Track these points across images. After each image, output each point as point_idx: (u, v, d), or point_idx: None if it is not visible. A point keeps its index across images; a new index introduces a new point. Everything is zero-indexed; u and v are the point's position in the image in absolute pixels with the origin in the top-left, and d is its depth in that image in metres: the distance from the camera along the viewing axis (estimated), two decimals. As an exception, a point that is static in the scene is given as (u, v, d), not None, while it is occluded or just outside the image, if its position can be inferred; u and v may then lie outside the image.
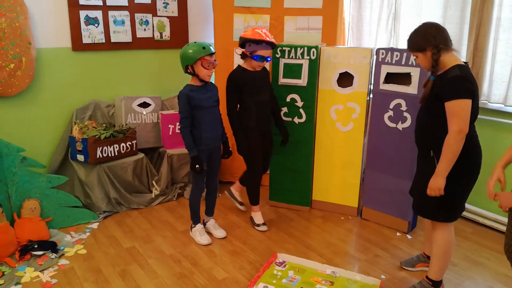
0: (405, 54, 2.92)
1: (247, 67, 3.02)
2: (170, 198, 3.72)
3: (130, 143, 3.54)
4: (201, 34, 4.24)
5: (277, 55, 3.30)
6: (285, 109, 3.38)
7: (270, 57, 3.01)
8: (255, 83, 3.03)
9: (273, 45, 2.96)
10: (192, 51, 2.67)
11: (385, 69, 3.04)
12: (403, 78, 2.98)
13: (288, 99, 3.35)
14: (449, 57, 2.14)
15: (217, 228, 3.14)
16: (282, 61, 3.29)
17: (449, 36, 2.16)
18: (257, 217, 3.27)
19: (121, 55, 3.83)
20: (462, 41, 3.24)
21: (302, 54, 3.24)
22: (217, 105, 2.89)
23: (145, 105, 3.77)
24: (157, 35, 3.98)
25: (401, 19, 3.70)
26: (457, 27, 3.26)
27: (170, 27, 4.04)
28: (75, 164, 3.39)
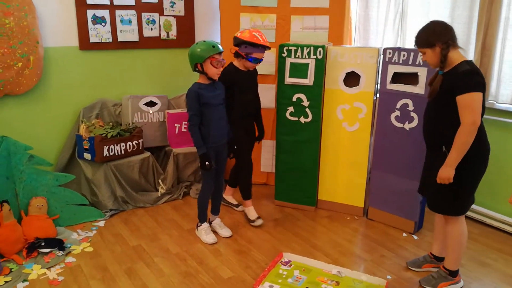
0: (412, 53, 2.91)
1: (239, 66, 3.09)
2: (176, 197, 3.73)
3: (136, 141, 3.55)
4: (207, 34, 4.24)
5: (284, 55, 3.30)
6: (291, 108, 3.37)
7: (263, 59, 3.09)
8: (246, 82, 3.12)
9: (268, 48, 3.04)
10: (201, 50, 2.70)
11: (392, 69, 3.03)
12: (410, 78, 2.97)
13: (294, 98, 3.34)
14: (456, 54, 2.22)
15: (223, 227, 3.14)
16: (289, 61, 3.29)
17: (455, 34, 2.23)
18: (251, 212, 3.30)
19: (128, 54, 3.84)
20: (470, 40, 3.22)
21: (309, 53, 3.23)
22: (223, 103, 2.91)
23: (151, 104, 3.79)
24: (163, 35, 3.99)
25: (408, 19, 3.68)
26: (465, 26, 3.24)
27: (177, 26, 4.05)
28: (82, 163, 3.41)
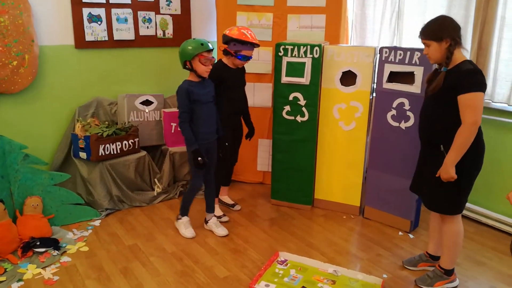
0: (408, 53, 2.91)
1: (228, 63, 3.09)
2: (172, 196, 3.72)
3: (132, 140, 3.54)
4: (204, 32, 4.23)
5: (280, 54, 3.29)
6: (287, 107, 3.37)
7: (252, 56, 3.08)
8: (234, 80, 3.12)
9: (257, 46, 3.04)
10: (190, 48, 2.72)
11: (388, 68, 3.03)
12: (407, 77, 2.97)
13: (291, 97, 3.34)
14: (459, 53, 2.22)
15: (219, 226, 3.14)
16: (285, 60, 3.28)
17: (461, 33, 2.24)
18: (216, 209, 3.29)
19: (123, 53, 3.83)
20: (466, 39, 3.22)
21: (305, 52, 3.23)
22: (213, 101, 2.92)
23: (147, 103, 3.78)
24: (160, 33, 3.98)
25: (405, 18, 3.68)
26: (461, 25, 3.22)
27: (173, 25, 4.03)
28: (78, 162, 3.39)
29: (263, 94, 3.84)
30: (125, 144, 3.49)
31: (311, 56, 3.22)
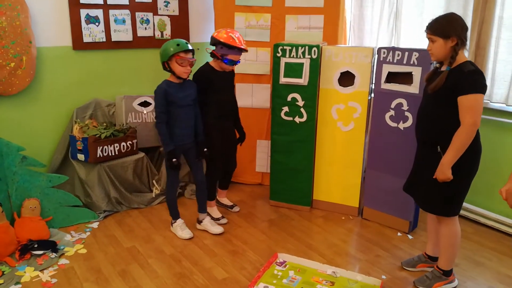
0: (406, 53, 2.91)
1: (215, 66, 3.06)
2: (170, 198, 3.71)
3: (130, 142, 3.53)
4: (202, 33, 4.23)
5: (278, 54, 3.29)
6: (286, 108, 3.36)
7: (240, 60, 3.06)
8: (221, 83, 3.08)
9: (245, 51, 3.00)
10: (167, 48, 2.73)
11: (387, 68, 3.03)
12: (405, 78, 2.97)
13: (289, 98, 3.33)
14: (461, 53, 2.19)
15: (214, 225, 3.13)
16: (283, 60, 3.28)
17: None
18: (214, 211, 3.31)
19: (121, 54, 3.82)
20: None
21: (303, 53, 3.23)
22: (193, 104, 2.90)
23: (145, 104, 3.77)
24: (158, 34, 3.97)
25: (403, 18, 3.68)
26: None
27: (171, 26, 4.03)
28: (76, 163, 3.38)
29: (262, 95, 3.84)
30: (123, 145, 3.48)
31: (309, 56, 3.22)
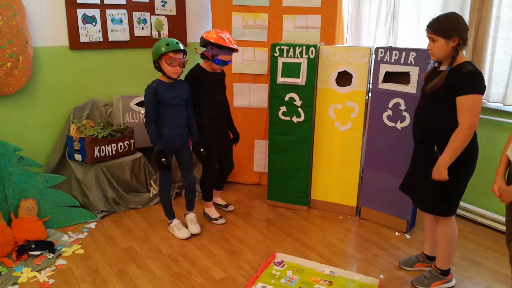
0: (404, 53, 2.91)
1: (206, 67, 3.06)
2: (168, 198, 3.71)
3: (128, 142, 3.52)
4: (199, 33, 4.15)
5: (276, 54, 3.29)
6: (283, 108, 3.36)
7: (231, 61, 3.05)
8: (212, 84, 3.07)
9: (235, 51, 2.99)
10: (157, 48, 2.73)
11: (384, 68, 3.03)
12: (402, 77, 2.97)
13: (287, 98, 3.33)
14: (461, 53, 2.19)
15: (193, 223, 3.13)
16: (281, 60, 3.28)
17: None
18: (212, 212, 3.31)
19: (119, 54, 3.81)
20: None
21: (301, 53, 3.23)
22: (183, 104, 2.89)
23: (143, 104, 3.73)
24: (155, 34, 3.96)
25: (400, 18, 3.69)
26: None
27: (168, 25, 4.02)
28: (73, 164, 3.37)
29: (259, 95, 3.84)
30: (120, 145, 3.47)
31: (307, 56, 3.22)
